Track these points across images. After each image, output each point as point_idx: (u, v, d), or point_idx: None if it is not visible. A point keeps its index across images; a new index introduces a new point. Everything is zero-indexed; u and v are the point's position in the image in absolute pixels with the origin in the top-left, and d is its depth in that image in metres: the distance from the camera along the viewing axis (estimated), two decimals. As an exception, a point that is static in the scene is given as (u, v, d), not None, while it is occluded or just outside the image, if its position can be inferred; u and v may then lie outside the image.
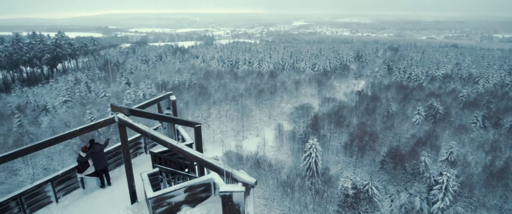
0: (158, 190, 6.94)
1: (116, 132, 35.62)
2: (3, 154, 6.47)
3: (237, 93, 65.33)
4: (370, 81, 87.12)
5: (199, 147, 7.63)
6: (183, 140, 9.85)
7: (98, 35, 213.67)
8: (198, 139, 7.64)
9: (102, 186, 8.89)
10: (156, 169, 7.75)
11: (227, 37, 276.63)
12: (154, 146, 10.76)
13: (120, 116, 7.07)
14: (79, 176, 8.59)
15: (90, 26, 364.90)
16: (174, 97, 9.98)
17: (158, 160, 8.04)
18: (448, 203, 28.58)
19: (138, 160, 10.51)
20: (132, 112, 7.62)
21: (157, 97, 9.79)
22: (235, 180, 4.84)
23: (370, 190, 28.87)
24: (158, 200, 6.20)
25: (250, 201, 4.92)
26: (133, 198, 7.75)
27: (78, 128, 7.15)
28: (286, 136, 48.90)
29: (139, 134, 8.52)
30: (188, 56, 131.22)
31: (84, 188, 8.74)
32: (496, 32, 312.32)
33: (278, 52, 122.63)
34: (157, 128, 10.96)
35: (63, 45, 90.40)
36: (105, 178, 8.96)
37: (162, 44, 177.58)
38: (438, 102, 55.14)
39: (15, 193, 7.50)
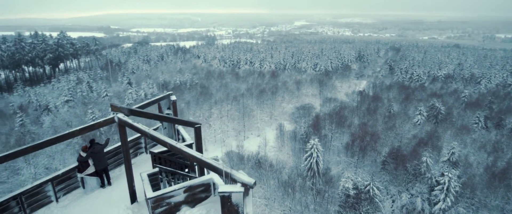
0: (158, 190, 6.93)
1: (117, 132, 35.64)
2: (5, 153, 6.49)
3: (238, 93, 65.32)
4: (372, 81, 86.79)
5: (199, 147, 7.62)
6: (183, 140, 9.84)
7: (100, 35, 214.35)
8: (198, 139, 7.64)
9: (102, 185, 8.91)
10: (156, 169, 7.75)
11: (229, 37, 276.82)
12: (154, 146, 10.75)
13: (120, 115, 7.08)
14: (79, 175, 8.61)
15: (92, 26, 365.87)
16: (174, 98, 9.97)
17: (158, 160, 8.04)
18: (449, 203, 28.45)
19: (138, 160, 10.52)
20: (132, 112, 7.63)
21: (157, 97, 9.79)
22: (234, 181, 4.82)
23: (371, 190, 28.79)
24: (158, 200, 6.19)
25: (249, 202, 4.89)
26: (133, 198, 7.77)
27: (78, 127, 7.17)
28: (287, 136, 48.84)
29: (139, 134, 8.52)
30: (189, 56, 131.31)
31: (84, 187, 8.76)
32: (498, 32, 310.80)
33: (280, 52, 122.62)
34: (157, 128, 10.95)
35: (65, 45, 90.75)
36: (105, 177, 8.97)
37: (164, 44, 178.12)
38: (440, 103, 54.84)
39: (15, 193, 7.52)
